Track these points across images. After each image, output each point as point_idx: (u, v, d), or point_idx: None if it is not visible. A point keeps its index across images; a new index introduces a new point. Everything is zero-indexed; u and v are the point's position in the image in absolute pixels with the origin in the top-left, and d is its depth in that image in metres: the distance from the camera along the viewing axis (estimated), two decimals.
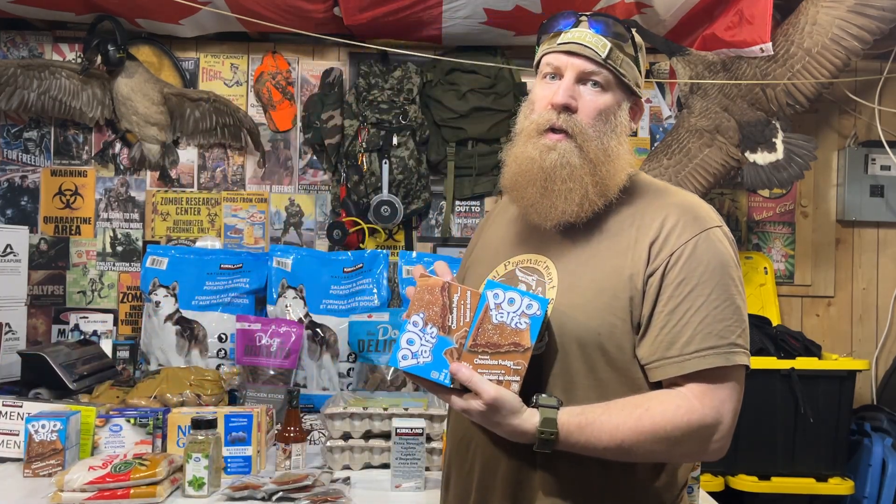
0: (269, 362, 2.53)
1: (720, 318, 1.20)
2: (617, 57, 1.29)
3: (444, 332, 1.21)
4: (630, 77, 1.30)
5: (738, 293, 1.24)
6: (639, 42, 1.33)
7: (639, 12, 2.73)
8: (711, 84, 2.57)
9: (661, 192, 1.33)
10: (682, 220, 1.25)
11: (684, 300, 1.20)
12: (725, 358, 1.20)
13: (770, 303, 3.01)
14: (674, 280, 1.21)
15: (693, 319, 1.20)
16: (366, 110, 2.92)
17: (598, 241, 1.29)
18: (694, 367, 1.19)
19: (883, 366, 3.10)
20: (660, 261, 1.23)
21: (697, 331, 1.20)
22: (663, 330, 1.21)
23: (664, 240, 1.24)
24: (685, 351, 1.20)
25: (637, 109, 1.35)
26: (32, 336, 2.92)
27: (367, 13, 2.69)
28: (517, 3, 2.63)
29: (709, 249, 1.23)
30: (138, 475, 1.77)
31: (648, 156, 2.71)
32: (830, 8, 2.41)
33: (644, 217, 1.28)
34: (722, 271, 1.22)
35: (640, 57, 1.33)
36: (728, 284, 1.23)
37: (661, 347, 1.21)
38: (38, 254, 3.00)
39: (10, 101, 2.88)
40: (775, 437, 2.59)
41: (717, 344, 1.20)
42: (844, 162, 3.09)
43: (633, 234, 1.26)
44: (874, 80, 2.98)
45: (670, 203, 1.29)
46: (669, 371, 1.21)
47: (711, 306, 1.20)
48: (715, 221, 1.27)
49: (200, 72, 3.06)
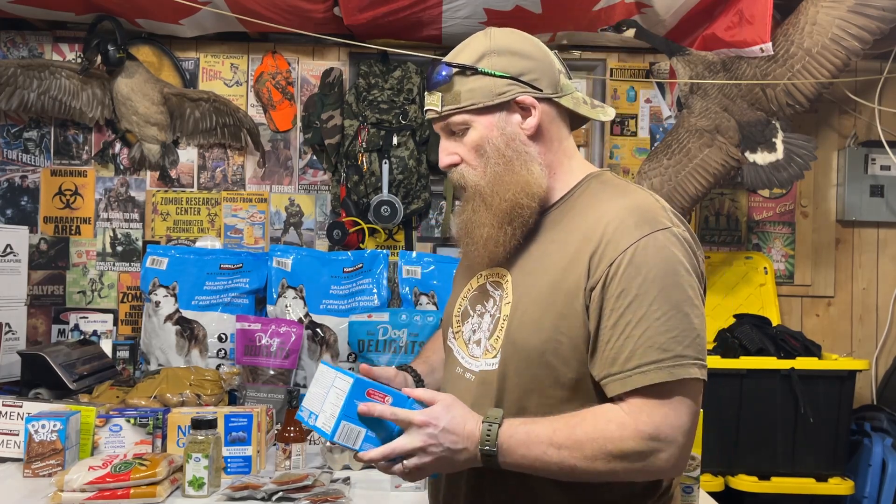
0: (269, 362, 2.53)
1: (663, 329, 1.14)
2: (452, 97, 1.27)
3: None
4: (482, 97, 1.26)
5: (687, 299, 1.16)
6: (490, 49, 1.27)
7: (639, 12, 2.73)
8: (711, 84, 2.57)
9: (609, 195, 1.27)
10: (622, 226, 1.19)
11: (624, 313, 1.15)
12: (669, 373, 1.13)
13: (770, 303, 3.01)
14: (614, 293, 1.16)
15: (633, 333, 1.14)
16: (366, 110, 2.92)
17: (545, 251, 1.27)
18: (635, 384, 1.14)
19: (883, 366, 3.10)
20: (600, 273, 1.17)
21: (638, 345, 1.14)
22: (607, 346, 1.16)
23: (603, 250, 1.18)
24: (626, 367, 1.15)
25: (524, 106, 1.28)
26: (32, 336, 2.92)
27: (367, 13, 2.69)
28: (517, 3, 2.63)
29: (650, 256, 1.16)
30: (138, 475, 1.77)
31: (648, 156, 2.71)
32: (830, 8, 2.41)
33: (588, 225, 1.23)
34: (665, 278, 1.15)
35: (495, 62, 1.26)
36: (672, 292, 1.15)
37: (606, 364, 1.17)
38: (38, 254, 3.00)
39: (10, 101, 2.88)
40: (775, 437, 2.59)
41: (660, 358, 1.13)
42: (844, 162, 3.09)
43: (577, 245, 1.22)
44: (874, 80, 2.98)
45: (615, 208, 1.22)
46: (614, 388, 1.16)
47: (653, 318, 1.14)
48: (660, 224, 1.19)
49: (200, 72, 3.06)
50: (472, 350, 1.33)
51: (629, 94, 3.13)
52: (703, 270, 1.26)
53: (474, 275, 1.38)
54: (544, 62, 1.29)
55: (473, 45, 1.30)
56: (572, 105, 1.31)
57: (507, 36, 1.30)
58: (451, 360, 1.38)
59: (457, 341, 1.37)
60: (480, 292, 1.34)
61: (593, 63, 3.12)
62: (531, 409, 1.23)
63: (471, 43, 1.31)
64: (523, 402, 1.24)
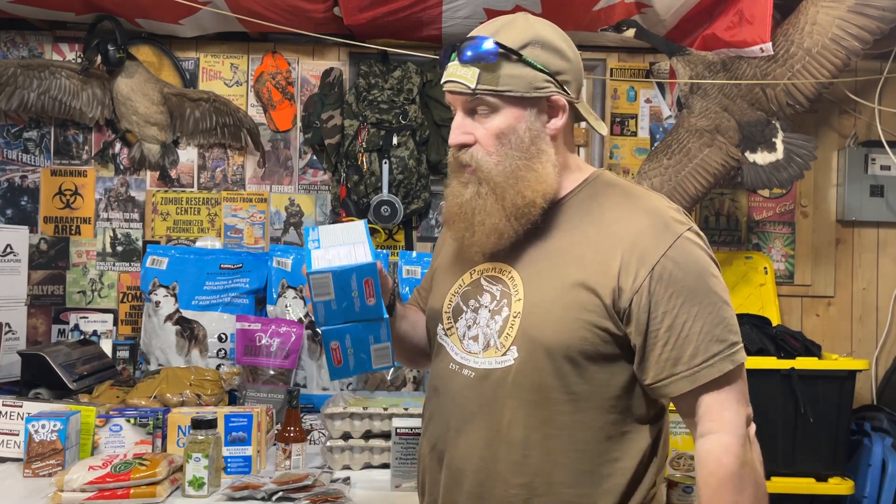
0: (269, 362, 2.53)
1: (716, 321, 1.21)
2: (491, 78, 1.24)
3: None
4: (520, 87, 1.24)
5: (724, 289, 1.25)
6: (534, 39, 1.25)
7: (639, 12, 2.73)
8: (711, 84, 2.57)
9: (625, 195, 1.30)
10: (651, 231, 1.23)
11: (678, 314, 1.20)
12: (731, 360, 1.22)
13: (770, 303, 3.01)
14: (662, 296, 1.20)
15: (693, 330, 1.20)
16: (366, 110, 2.92)
17: (562, 248, 1.27)
18: (706, 378, 1.20)
19: (883, 366, 3.10)
20: (640, 279, 1.20)
21: (700, 341, 1.20)
22: (665, 347, 1.21)
23: (640, 255, 1.21)
24: (693, 364, 1.20)
25: (555, 106, 1.28)
26: (32, 336, 2.92)
27: (367, 13, 2.69)
28: (517, 3, 2.63)
29: (688, 256, 1.23)
30: (138, 475, 1.77)
31: (648, 156, 2.71)
32: (830, 8, 2.41)
33: (610, 227, 1.25)
34: (706, 274, 1.23)
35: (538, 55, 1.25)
36: (714, 285, 1.23)
37: (668, 365, 1.21)
38: (38, 254, 3.00)
39: (10, 101, 2.88)
40: (775, 437, 2.59)
41: (721, 349, 1.21)
42: (844, 162, 3.09)
43: (599, 245, 1.24)
44: (874, 80, 2.98)
45: (636, 210, 1.26)
46: (682, 386, 1.21)
47: (706, 312, 1.21)
48: (683, 225, 1.26)
49: (200, 72, 3.06)
50: (469, 346, 1.31)
51: (629, 94, 3.12)
52: None
53: (466, 270, 1.36)
54: (577, 65, 1.30)
55: (517, 28, 1.26)
56: (585, 113, 1.33)
57: (550, 29, 1.28)
58: (443, 355, 1.37)
59: (449, 338, 1.36)
60: (473, 288, 1.33)
61: (593, 63, 3.12)
62: (554, 405, 1.24)
63: (513, 25, 1.27)
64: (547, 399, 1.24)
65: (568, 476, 1.24)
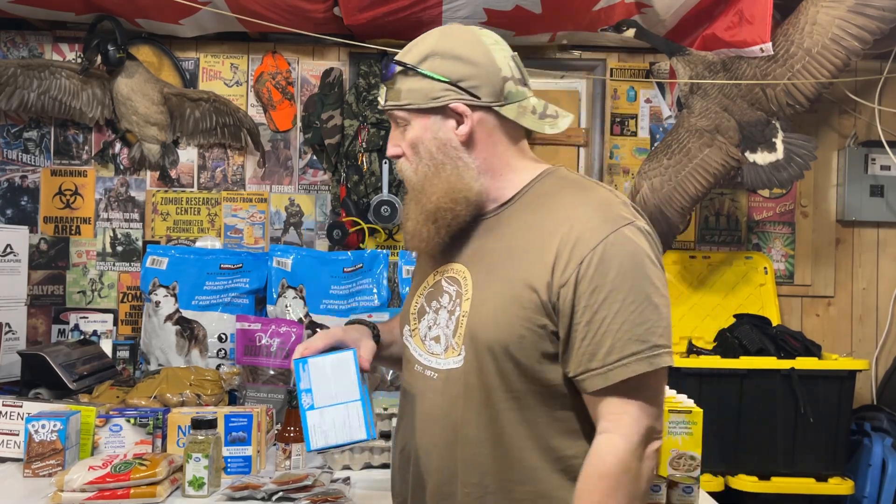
0: (269, 362, 2.52)
1: (639, 321, 1.17)
2: (394, 94, 1.30)
3: None
4: (418, 99, 1.28)
5: (656, 290, 1.19)
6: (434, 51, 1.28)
7: (639, 12, 2.73)
8: (711, 84, 2.57)
9: (575, 189, 1.28)
10: (588, 224, 1.20)
11: (599, 309, 1.17)
12: (649, 363, 1.16)
13: (770, 303, 3.01)
14: (586, 290, 1.17)
15: (611, 328, 1.16)
16: (366, 110, 2.92)
17: (506, 246, 1.27)
18: (618, 377, 1.16)
19: (883, 366, 3.10)
20: (570, 271, 1.18)
21: (617, 338, 1.16)
22: (584, 342, 1.18)
23: (572, 248, 1.19)
24: (607, 361, 1.17)
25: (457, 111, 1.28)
26: (32, 336, 2.92)
27: (367, 13, 2.69)
28: (517, 3, 2.63)
29: (619, 251, 1.18)
30: (138, 475, 1.77)
31: (648, 156, 2.71)
32: (830, 8, 2.41)
33: (552, 221, 1.24)
34: (635, 272, 1.18)
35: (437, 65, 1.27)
36: (642, 284, 1.18)
37: (585, 360, 1.18)
38: (38, 254, 3.00)
39: (10, 101, 2.88)
40: (775, 437, 2.59)
41: (640, 349, 1.16)
42: (844, 162, 3.09)
43: (540, 240, 1.23)
44: (874, 80, 2.98)
45: (578, 204, 1.24)
46: (595, 383, 1.18)
47: (628, 310, 1.16)
48: (624, 220, 1.21)
49: (200, 72, 3.06)
50: (431, 347, 1.33)
51: (629, 94, 3.13)
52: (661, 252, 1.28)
53: (431, 272, 1.38)
54: (488, 69, 1.28)
55: (422, 43, 1.30)
56: (514, 115, 1.30)
57: (454, 39, 1.29)
58: (408, 356, 1.38)
59: (413, 339, 1.37)
60: (435, 288, 1.35)
61: (593, 63, 3.12)
62: (499, 404, 1.24)
63: (421, 41, 1.31)
64: (491, 398, 1.25)
65: (519, 473, 1.24)
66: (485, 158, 1.30)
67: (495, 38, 1.32)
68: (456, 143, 1.29)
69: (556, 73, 3.12)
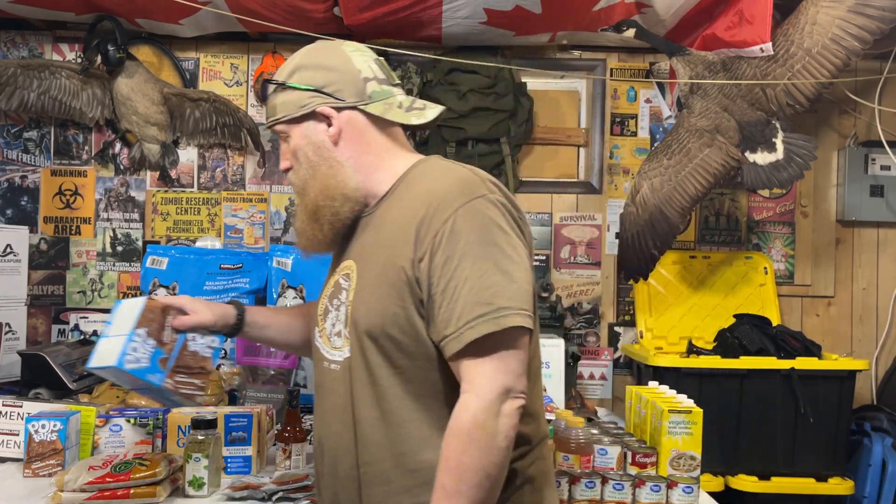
0: (269, 362, 2.53)
1: (486, 285, 1.22)
2: (271, 110, 1.45)
3: (159, 345, 1.56)
4: (290, 109, 1.41)
5: (506, 256, 1.25)
6: (299, 65, 1.41)
7: (639, 12, 2.73)
8: (711, 84, 2.57)
9: (433, 174, 1.36)
10: (444, 199, 1.27)
11: (451, 278, 1.23)
12: (495, 323, 1.21)
13: (770, 303, 3.01)
14: (440, 261, 1.24)
15: (461, 293, 1.23)
16: None
17: (378, 234, 1.37)
18: (467, 339, 1.21)
19: (883, 366, 3.10)
20: (426, 244, 1.26)
21: (466, 303, 1.22)
22: (440, 311, 1.24)
23: (429, 223, 1.27)
24: (458, 325, 1.22)
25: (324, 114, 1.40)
26: (32, 336, 2.92)
27: (367, 13, 2.69)
28: (517, 3, 2.63)
29: (468, 221, 1.25)
30: (138, 475, 1.76)
31: (648, 156, 2.71)
32: (830, 8, 2.41)
33: (415, 202, 1.31)
34: (482, 239, 1.24)
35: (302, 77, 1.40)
36: (491, 250, 1.24)
37: (442, 327, 1.24)
38: (38, 254, 3.00)
39: (10, 101, 2.89)
40: (775, 437, 2.59)
41: (485, 311, 1.21)
42: (844, 162, 3.09)
43: (406, 222, 1.31)
44: (874, 80, 2.98)
45: (438, 184, 1.32)
46: (452, 347, 1.23)
47: (476, 276, 1.22)
48: (477, 193, 1.28)
49: (200, 72, 3.06)
50: (334, 342, 1.41)
51: (629, 94, 3.13)
52: (526, 230, 1.34)
53: (332, 272, 1.47)
54: (348, 73, 1.40)
55: (291, 62, 1.44)
56: (381, 112, 1.40)
57: (317, 51, 1.44)
58: (318, 356, 1.45)
59: (322, 339, 1.44)
60: (335, 287, 1.42)
61: (593, 63, 3.12)
62: (383, 381, 1.31)
63: (290, 60, 1.45)
64: (376, 377, 1.31)
65: (411, 445, 1.30)
66: (359, 155, 1.41)
67: (357, 46, 1.45)
68: (328, 145, 1.40)
69: (556, 73, 3.12)
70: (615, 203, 3.07)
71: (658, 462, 1.94)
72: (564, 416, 1.98)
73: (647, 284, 3.00)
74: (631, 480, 1.81)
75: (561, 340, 2.48)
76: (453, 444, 1.21)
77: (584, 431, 1.93)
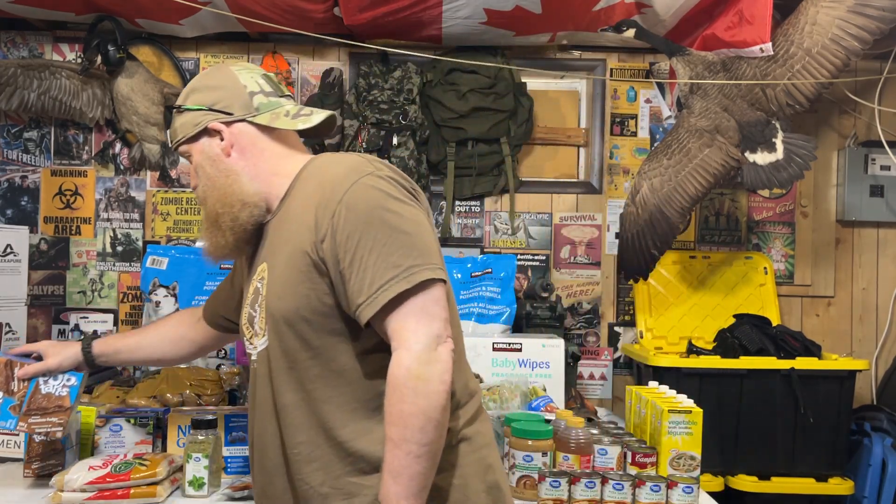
0: None
1: (391, 250, 1.30)
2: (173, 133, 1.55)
3: (8, 395, 1.75)
4: (188, 130, 1.51)
5: (404, 219, 1.32)
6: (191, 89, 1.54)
7: (639, 12, 2.73)
8: (711, 84, 2.57)
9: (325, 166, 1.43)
10: (335, 183, 1.35)
11: (356, 251, 1.30)
12: (407, 281, 1.28)
13: (770, 303, 3.01)
14: (342, 238, 1.31)
15: (369, 263, 1.29)
16: (366, 110, 2.92)
17: (282, 231, 1.44)
18: (383, 301, 1.28)
19: (883, 366, 3.10)
20: (325, 226, 1.33)
21: (376, 269, 1.29)
22: (351, 283, 1.30)
23: (325, 206, 1.34)
24: (371, 291, 1.28)
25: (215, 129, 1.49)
26: (32, 336, 2.92)
27: (367, 13, 2.69)
28: (517, 3, 2.63)
29: (361, 197, 1.32)
30: (138, 475, 1.77)
31: (648, 156, 2.71)
32: (830, 8, 2.41)
33: (311, 193, 1.39)
34: (378, 210, 1.32)
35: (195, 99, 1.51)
36: (388, 219, 1.31)
37: (355, 297, 1.30)
38: (38, 254, 3.00)
39: (10, 101, 2.89)
40: (775, 437, 2.59)
41: (395, 273, 1.28)
42: (844, 162, 3.09)
43: (305, 211, 1.38)
44: (874, 80, 2.98)
45: (329, 171, 1.39)
46: (367, 313, 1.29)
47: (380, 244, 1.30)
48: (365, 171, 1.36)
49: (200, 72, 3.06)
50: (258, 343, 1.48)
51: (629, 94, 3.13)
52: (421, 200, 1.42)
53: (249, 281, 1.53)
54: (235, 90, 1.50)
55: (187, 87, 1.56)
56: (268, 121, 1.49)
57: (207, 75, 1.56)
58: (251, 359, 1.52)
59: (251, 342, 1.50)
60: (255, 293, 1.48)
61: (593, 63, 3.12)
62: (302, 364, 1.37)
63: (187, 86, 1.57)
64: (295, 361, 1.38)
65: (339, 419, 1.36)
66: (254, 164, 1.49)
67: (245, 65, 1.57)
68: (223, 157, 1.49)
69: (556, 73, 3.12)
70: (615, 203, 3.07)
71: (658, 462, 1.94)
72: (564, 416, 1.98)
73: (647, 284, 3.00)
74: (631, 480, 1.82)
75: (561, 340, 2.48)
76: (392, 397, 1.26)
77: (584, 431, 1.93)
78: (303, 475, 1.39)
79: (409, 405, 1.24)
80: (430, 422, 1.25)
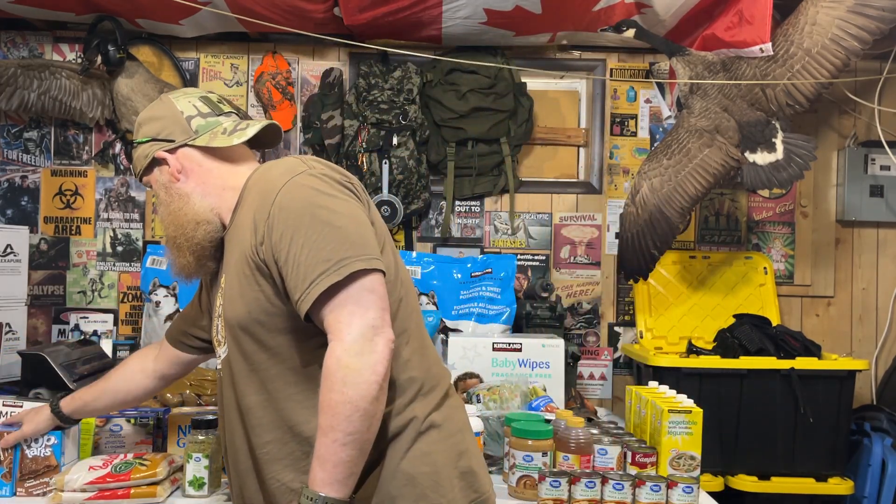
0: None
1: (322, 245, 1.32)
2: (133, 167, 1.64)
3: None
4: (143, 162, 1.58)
5: (335, 214, 1.35)
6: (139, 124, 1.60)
7: (639, 12, 2.74)
8: (711, 84, 2.57)
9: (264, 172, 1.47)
10: (269, 185, 1.39)
11: (290, 248, 1.33)
12: (337, 274, 1.30)
13: (770, 303, 3.01)
14: (278, 237, 1.34)
15: (301, 259, 1.32)
16: (366, 110, 2.92)
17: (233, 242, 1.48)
18: (315, 294, 1.30)
19: (883, 366, 3.10)
20: (262, 228, 1.37)
21: (308, 265, 1.31)
22: (289, 280, 1.34)
23: (261, 209, 1.38)
24: (305, 286, 1.31)
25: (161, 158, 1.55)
26: (32, 336, 2.92)
27: (367, 13, 2.69)
28: (517, 3, 2.63)
29: (293, 196, 1.36)
30: (138, 475, 1.77)
31: (648, 156, 2.71)
32: (830, 8, 2.41)
33: (252, 199, 1.44)
34: (309, 207, 1.35)
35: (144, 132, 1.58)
36: (318, 215, 1.34)
37: (293, 293, 1.33)
38: (38, 254, 3.00)
39: (11, 101, 2.88)
40: (775, 437, 2.60)
41: (326, 267, 1.30)
42: (844, 162, 3.09)
43: (247, 218, 1.43)
44: (874, 80, 2.98)
45: (266, 176, 1.44)
46: (304, 307, 1.32)
47: (311, 241, 1.32)
48: (298, 170, 1.39)
49: (200, 72, 3.06)
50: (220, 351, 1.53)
51: (629, 94, 3.13)
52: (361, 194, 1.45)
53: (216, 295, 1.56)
54: (173, 117, 1.57)
55: (136, 123, 1.63)
56: (206, 142, 1.55)
57: (151, 106, 1.62)
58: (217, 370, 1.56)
59: (217, 354, 1.55)
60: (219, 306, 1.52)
61: (593, 63, 3.12)
62: (260, 365, 1.41)
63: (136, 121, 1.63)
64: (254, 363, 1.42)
65: (302, 415, 1.39)
66: (204, 183, 1.55)
67: (184, 91, 1.63)
68: (173, 182, 1.55)
69: (556, 73, 3.12)
70: (615, 203, 3.07)
71: (658, 462, 1.94)
72: (564, 416, 1.98)
73: (646, 284, 3.00)
74: (631, 480, 1.82)
75: (561, 340, 2.48)
76: (323, 387, 1.28)
77: (584, 431, 1.93)
78: (273, 473, 1.42)
79: (338, 394, 1.26)
80: (358, 411, 1.26)
